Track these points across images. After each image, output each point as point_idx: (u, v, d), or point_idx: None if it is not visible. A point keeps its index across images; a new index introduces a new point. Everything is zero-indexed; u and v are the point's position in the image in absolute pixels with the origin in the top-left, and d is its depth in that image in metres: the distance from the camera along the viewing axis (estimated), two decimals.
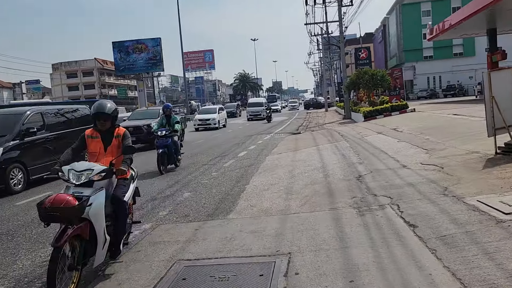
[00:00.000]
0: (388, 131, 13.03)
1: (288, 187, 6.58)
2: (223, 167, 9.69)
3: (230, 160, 10.78)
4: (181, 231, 4.78)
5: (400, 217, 4.31)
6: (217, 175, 8.58)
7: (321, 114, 37.51)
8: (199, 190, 7.10)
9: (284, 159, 9.87)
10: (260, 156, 11.07)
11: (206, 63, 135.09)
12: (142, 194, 5.32)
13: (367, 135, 12.82)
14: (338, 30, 26.39)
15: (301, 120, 31.40)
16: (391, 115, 19.92)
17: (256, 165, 9.39)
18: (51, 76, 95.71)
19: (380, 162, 7.79)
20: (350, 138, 12.70)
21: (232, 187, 7.08)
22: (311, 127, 22.00)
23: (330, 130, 18.06)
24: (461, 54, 55.09)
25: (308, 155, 10.03)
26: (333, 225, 4.33)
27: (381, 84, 23.54)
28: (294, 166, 8.55)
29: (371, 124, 17.07)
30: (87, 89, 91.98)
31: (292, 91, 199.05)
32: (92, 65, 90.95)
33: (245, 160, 10.61)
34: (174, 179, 8.44)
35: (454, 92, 48.68)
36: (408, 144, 9.49)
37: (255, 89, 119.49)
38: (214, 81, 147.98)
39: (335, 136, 14.23)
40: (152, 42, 50.27)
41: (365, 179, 6.47)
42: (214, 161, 11.09)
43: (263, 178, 7.61)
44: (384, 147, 9.59)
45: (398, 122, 15.63)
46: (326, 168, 7.84)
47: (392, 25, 59.72)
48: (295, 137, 16.83)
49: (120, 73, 51.86)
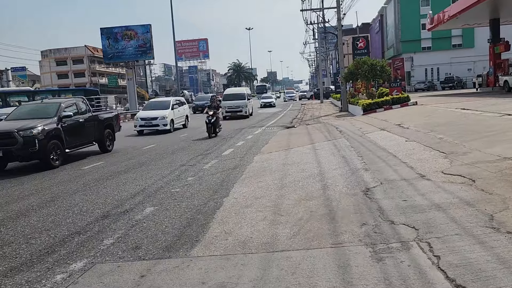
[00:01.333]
0: (392, 127, 11.63)
1: (276, 203, 5.15)
2: (203, 169, 8.24)
3: (212, 160, 9.32)
4: (122, 278, 3.35)
5: (438, 268, 2.91)
6: (193, 180, 7.14)
7: (316, 106, 36.09)
8: (166, 203, 5.65)
9: (274, 161, 8.44)
10: (248, 156, 9.63)
11: (200, 52, 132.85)
12: (100, 203, 3.86)
13: (369, 132, 11.41)
14: (335, 19, 24.86)
15: (296, 112, 29.96)
16: (391, 108, 18.54)
17: (241, 168, 7.95)
18: (40, 64, 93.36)
19: (390, 168, 6.38)
20: (350, 135, 11.28)
21: (207, 200, 5.64)
22: (306, 120, 20.57)
23: (326, 124, 16.64)
24: (460, 45, 53.79)
25: (303, 156, 8.60)
26: (339, 280, 2.92)
27: (381, 75, 22.11)
28: (286, 172, 7.13)
29: (371, 119, 15.67)
30: (77, 77, 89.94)
31: (287, 81, 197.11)
32: (83, 52, 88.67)
33: (230, 160, 9.16)
34: (141, 185, 6.98)
35: (452, 84, 47.52)
36: (419, 144, 8.09)
37: (249, 79, 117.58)
38: (208, 71, 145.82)
39: (332, 132, 12.81)
40: (142, 29, 48.23)
41: (375, 194, 5.06)
42: (194, 160, 9.63)
43: (246, 188, 6.18)
44: (392, 148, 8.19)
45: (401, 117, 14.24)
46: (325, 176, 6.42)
47: (389, 15, 58.10)
48: (289, 132, 15.40)
49: (108, 61, 49.77)
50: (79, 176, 8.48)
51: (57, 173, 9.12)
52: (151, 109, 19.24)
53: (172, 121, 18.60)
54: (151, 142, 14.60)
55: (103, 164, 10.07)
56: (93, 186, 7.28)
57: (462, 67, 52.82)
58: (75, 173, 9.05)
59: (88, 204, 5.96)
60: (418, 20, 52.59)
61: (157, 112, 18.44)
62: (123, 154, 11.83)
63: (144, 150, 12.53)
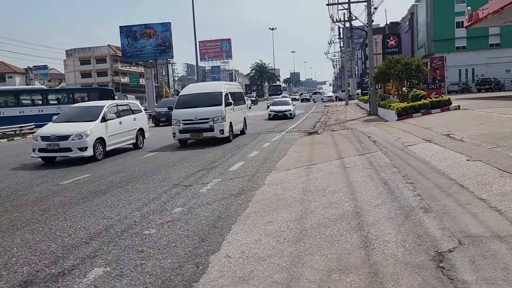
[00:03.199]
0: (440, 138, 9.41)
1: (290, 276, 3.17)
2: (198, 194, 6.33)
3: (214, 179, 7.40)
4: None
5: None
6: (180, 213, 5.24)
7: (341, 108, 33.73)
8: (124, 262, 3.75)
9: (291, 184, 6.44)
10: (259, 174, 7.66)
11: (223, 52, 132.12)
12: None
13: (411, 143, 9.23)
14: (364, 14, 22.60)
15: (319, 115, 27.79)
16: (431, 113, 16.15)
17: (248, 195, 5.99)
18: (64, 63, 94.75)
19: (463, 210, 4.28)
20: (388, 148, 9.14)
21: (184, 261, 3.70)
22: (330, 125, 18.42)
23: (355, 130, 14.48)
24: (498, 45, 50.09)
25: (329, 179, 6.56)
26: None
27: (416, 75, 19.69)
28: (307, 206, 5.11)
29: (408, 125, 13.41)
30: (100, 76, 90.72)
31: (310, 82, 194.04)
32: (106, 51, 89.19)
33: (236, 180, 7.21)
34: (109, 219, 5.14)
35: (489, 86, 44.13)
36: (490, 167, 5.93)
37: (272, 80, 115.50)
38: (231, 71, 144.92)
39: (364, 142, 10.68)
40: (161, 27, 47.08)
41: (456, 267, 3.00)
42: (193, 178, 7.75)
43: (248, 235, 4.21)
44: (452, 171, 6.04)
45: (446, 124, 11.94)
46: (364, 219, 4.38)
47: (421, 13, 54.90)
48: (311, 139, 13.33)
49: (127, 60, 48.92)
50: (46, 197, 6.74)
51: (32, 188, 7.44)
52: (65, 121, 11.60)
53: (102, 141, 11.22)
54: (156, 146, 12.85)
55: (86, 178, 8.34)
56: (51, 217, 5.49)
57: (500, 68, 49.15)
58: (49, 189, 7.35)
59: (20, 256, 4.15)
60: (452, 18, 49.31)
61: (72, 127, 10.95)
62: (117, 164, 10.10)
63: (142, 159, 10.77)
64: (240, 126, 15.41)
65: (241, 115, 15.96)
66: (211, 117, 12.87)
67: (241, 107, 16.37)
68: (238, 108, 15.52)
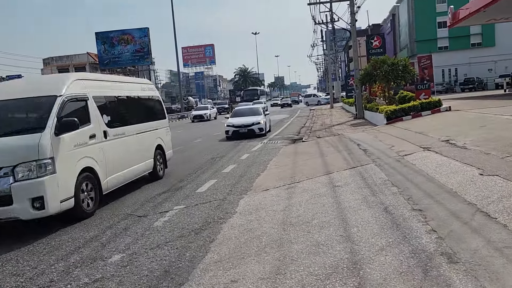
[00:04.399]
0: (439, 145, 8.26)
1: None
2: (150, 229, 4.97)
3: (176, 206, 6.05)
4: None
5: None
6: (115, 267, 3.87)
7: (326, 111, 32.71)
8: None
9: (269, 213, 5.13)
10: (231, 197, 6.34)
11: (207, 58, 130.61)
12: None
13: (407, 152, 8.05)
14: (346, 14, 21.61)
15: (304, 119, 26.67)
16: (421, 115, 15.12)
17: (212, 231, 4.65)
18: (42, 72, 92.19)
19: (503, 258, 3.05)
20: (381, 158, 7.93)
21: None
22: (316, 130, 17.24)
23: (342, 136, 13.31)
24: (479, 44, 50.07)
25: (316, 204, 5.28)
26: None
27: (403, 76, 18.72)
28: (286, 250, 3.80)
29: (400, 130, 12.30)
30: None
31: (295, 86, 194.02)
32: (85, 59, 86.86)
33: (201, 207, 5.86)
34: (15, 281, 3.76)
35: (473, 86, 43.92)
36: (509, 182, 4.76)
37: (256, 84, 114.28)
38: (215, 77, 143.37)
39: (354, 151, 9.47)
40: (139, 33, 45.61)
41: None
42: (150, 204, 6.38)
43: None
44: (467, 191, 4.84)
45: (442, 128, 10.86)
46: (365, 275, 3.09)
47: (402, 13, 54.65)
48: (295, 148, 12.10)
49: (104, 67, 47.19)
50: None
51: None
52: None
53: None
54: None
55: None
56: None
57: (482, 67, 49.05)
58: None
59: None
60: (434, 18, 49.08)
61: None
62: None
63: None
64: (136, 169, 7.63)
65: (147, 143, 8.32)
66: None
67: (147, 126, 8.35)
68: (132, 130, 7.62)
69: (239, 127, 16.05)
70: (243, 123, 16.15)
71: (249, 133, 15.90)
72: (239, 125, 16.08)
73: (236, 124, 16.18)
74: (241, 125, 16.06)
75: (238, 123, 16.18)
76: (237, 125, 16.13)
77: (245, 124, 16.07)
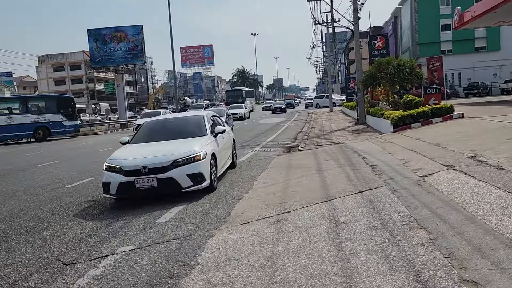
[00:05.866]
0: (466, 163, 6.66)
1: None
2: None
3: (120, 248, 4.42)
4: None
5: None
6: None
7: (325, 115, 31.13)
8: None
9: (243, 270, 3.49)
10: (199, 232, 4.71)
11: (205, 58, 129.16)
12: None
13: (427, 172, 6.44)
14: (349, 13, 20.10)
15: (301, 123, 25.09)
16: (432, 122, 13.55)
17: None
18: (37, 70, 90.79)
19: None
20: (396, 179, 6.31)
21: None
22: (313, 137, 15.66)
23: (343, 145, 11.71)
24: (484, 48, 48.70)
25: (311, 256, 3.65)
26: None
27: (410, 78, 17.18)
28: None
29: (411, 140, 10.70)
30: (74, 83, 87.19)
31: (294, 88, 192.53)
32: (80, 57, 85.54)
33: (153, 251, 4.22)
34: None
35: (477, 91, 42.52)
36: None
37: (254, 86, 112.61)
38: (213, 77, 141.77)
39: (359, 167, 7.85)
40: (132, 30, 43.75)
41: None
42: (88, 242, 4.75)
43: None
44: None
45: (460, 140, 9.26)
46: None
47: (405, 16, 53.23)
48: (289, 159, 10.48)
49: (96, 65, 45.21)
50: None
51: None
52: None
53: None
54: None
55: None
56: None
57: (487, 72, 47.70)
58: None
59: None
60: (437, 21, 47.72)
61: None
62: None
63: None
64: None
65: None
66: None
67: None
68: None
69: (128, 175, 6.35)
70: (142, 163, 6.41)
71: (152, 192, 6.38)
72: (130, 170, 6.37)
73: (126, 166, 6.44)
74: (134, 170, 6.35)
75: (129, 165, 6.45)
76: (126, 169, 6.40)
77: (148, 168, 6.32)
